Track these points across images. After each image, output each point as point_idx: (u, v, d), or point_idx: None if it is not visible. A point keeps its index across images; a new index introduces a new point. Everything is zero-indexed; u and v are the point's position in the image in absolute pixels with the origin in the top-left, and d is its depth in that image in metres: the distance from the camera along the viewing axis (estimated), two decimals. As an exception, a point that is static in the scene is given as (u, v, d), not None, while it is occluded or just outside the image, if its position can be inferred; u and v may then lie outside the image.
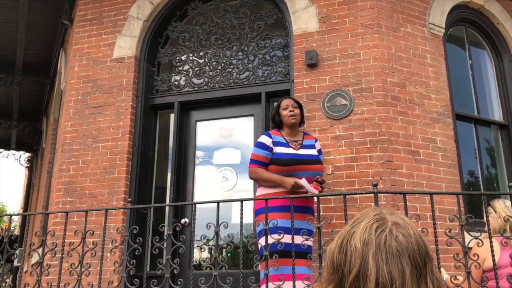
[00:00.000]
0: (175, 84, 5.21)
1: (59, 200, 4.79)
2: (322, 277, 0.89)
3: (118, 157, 4.78)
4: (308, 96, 4.47)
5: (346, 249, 0.82)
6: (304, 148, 3.67)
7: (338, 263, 0.82)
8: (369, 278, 0.77)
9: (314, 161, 3.61)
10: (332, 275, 0.82)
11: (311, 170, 3.53)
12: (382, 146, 4.17)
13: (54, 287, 3.36)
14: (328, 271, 0.84)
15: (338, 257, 0.82)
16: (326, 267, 0.85)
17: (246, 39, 5.08)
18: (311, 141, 3.79)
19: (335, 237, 0.88)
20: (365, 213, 0.88)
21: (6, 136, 10.63)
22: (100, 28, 5.32)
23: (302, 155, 3.57)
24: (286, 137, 3.70)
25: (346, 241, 0.84)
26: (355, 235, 0.83)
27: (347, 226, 0.86)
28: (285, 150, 3.55)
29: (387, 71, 4.40)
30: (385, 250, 0.80)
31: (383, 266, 0.78)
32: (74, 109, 5.10)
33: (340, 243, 0.84)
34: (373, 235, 0.82)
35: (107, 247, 3.38)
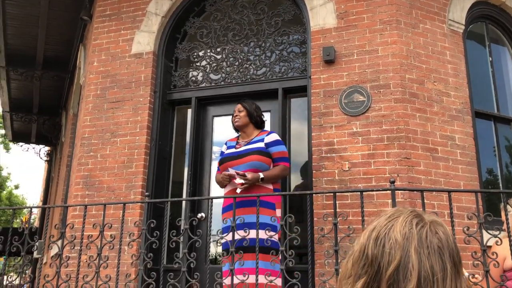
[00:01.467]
0: (192, 80, 5.24)
1: (78, 194, 4.87)
2: (345, 271, 0.87)
3: (136, 152, 4.83)
4: (325, 92, 4.46)
5: (384, 241, 0.81)
6: (249, 144, 3.77)
7: (375, 255, 0.80)
8: (410, 271, 0.77)
9: (247, 153, 3.70)
10: (364, 268, 0.81)
11: (243, 163, 3.65)
12: (400, 143, 4.14)
13: (73, 279, 3.42)
14: (359, 265, 0.82)
15: (374, 250, 0.81)
16: (355, 261, 0.84)
17: (264, 35, 5.08)
18: (262, 136, 3.85)
19: (364, 232, 0.87)
20: (399, 210, 0.88)
21: (27, 130, 10.82)
22: (119, 23, 5.37)
23: (236, 152, 3.75)
24: (240, 139, 3.91)
25: (384, 234, 0.82)
26: (394, 228, 0.82)
27: (382, 221, 0.85)
28: (226, 152, 3.84)
29: (406, 68, 4.36)
30: (427, 245, 0.80)
31: (425, 260, 0.78)
32: (93, 104, 5.16)
33: (376, 236, 0.82)
34: (414, 229, 0.82)
35: (124, 240, 3.43)
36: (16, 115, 9.84)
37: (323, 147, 4.32)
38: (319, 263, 3.90)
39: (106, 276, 3.23)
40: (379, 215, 0.90)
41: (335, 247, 2.90)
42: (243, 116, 3.90)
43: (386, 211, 0.89)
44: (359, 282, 0.81)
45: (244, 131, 3.92)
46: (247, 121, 3.92)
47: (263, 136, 3.82)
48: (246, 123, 3.92)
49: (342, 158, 4.24)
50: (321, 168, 4.27)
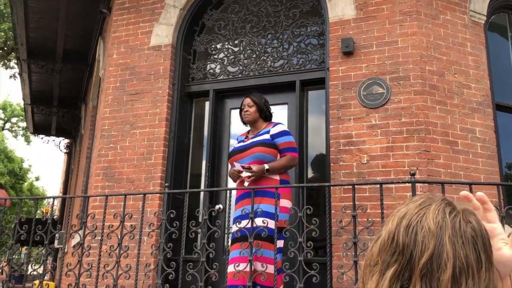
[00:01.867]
0: (210, 72, 5.26)
1: (98, 185, 4.94)
2: (370, 258, 0.84)
3: (155, 144, 4.87)
4: (344, 84, 4.44)
5: (416, 230, 0.79)
6: (256, 137, 3.74)
7: (406, 243, 0.79)
8: (445, 260, 0.75)
9: (253, 145, 3.66)
10: (395, 256, 0.79)
11: (248, 156, 3.62)
12: (419, 136, 4.10)
13: (94, 268, 3.49)
14: (387, 252, 0.81)
15: (405, 238, 0.79)
16: (383, 248, 0.83)
17: (281, 27, 5.07)
18: (268, 128, 3.79)
19: (392, 219, 0.85)
20: (429, 197, 0.86)
21: (47, 122, 10.99)
22: (137, 16, 5.41)
23: (242, 146, 3.73)
24: (250, 133, 3.87)
25: (416, 222, 0.80)
26: (427, 216, 0.80)
27: (412, 208, 0.83)
28: (235, 146, 3.83)
29: (426, 60, 4.31)
30: (461, 235, 0.78)
31: (459, 250, 0.77)
32: (112, 96, 5.22)
33: (407, 224, 0.80)
34: (448, 218, 0.80)
35: (144, 230, 3.47)
36: (36, 107, 10.01)
37: (341, 139, 4.30)
38: (337, 256, 3.90)
39: (127, 265, 3.28)
40: (406, 202, 0.87)
41: (354, 239, 2.90)
42: (253, 112, 3.84)
43: (414, 198, 0.87)
44: (389, 271, 0.79)
45: (254, 125, 3.88)
46: (257, 116, 3.86)
47: (269, 128, 3.77)
48: (256, 118, 3.86)
49: (360, 151, 4.22)
50: (339, 161, 4.26)
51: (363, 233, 3.30)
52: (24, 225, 3.61)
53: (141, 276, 3.58)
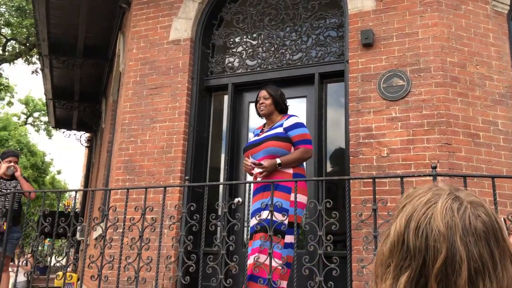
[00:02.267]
0: (229, 66, 5.27)
1: (119, 178, 5.01)
2: (381, 258, 0.83)
3: (174, 137, 4.91)
4: (363, 77, 4.40)
5: (426, 233, 0.77)
6: (270, 130, 3.68)
7: (417, 248, 0.77)
8: (459, 263, 0.74)
9: (265, 140, 3.61)
10: (407, 261, 0.77)
11: (261, 150, 3.58)
12: (440, 129, 4.05)
13: (116, 260, 3.55)
14: (398, 256, 0.79)
15: (416, 242, 0.77)
16: (393, 249, 0.81)
17: (300, 19, 5.04)
18: (282, 121, 3.72)
19: (399, 218, 0.82)
20: (435, 193, 0.83)
21: (68, 116, 11.16)
22: (156, 10, 5.44)
23: (257, 140, 3.68)
24: (266, 126, 3.81)
25: (425, 224, 0.78)
26: (435, 217, 0.78)
27: (419, 207, 0.80)
28: (250, 140, 3.77)
29: (447, 51, 4.25)
30: (472, 232, 0.76)
31: (472, 250, 0.75)
32: (132, 90, 5.27)
33: (415, 226, 0.78)
34: (457, 217, 0.78)
35: (165, 223, 3.51)
36: (58, 102, 10.16)
37: (360, 132, 4.28)
38: (356, 249, 3.89)
39: (148, 257, 3.33)
40: (409, 195, 0.85)
41: (374, 233, 2.89)
42: (268, 104, 3.77)
43: (418, 192, 0.85)
44: (403, 277, 0.77)
45: (270, 118, 3.82)
46: (272, 109, 3.80)
47: (282, 121, 3.70)
48: (271, 111, 3.80)
49: (380, 144, 4.19)
50: (359, 154, 4.23)
51: (384, 227, 3.29)
52: (47, 218, 3.69)
53: (162, 268, 3.62)
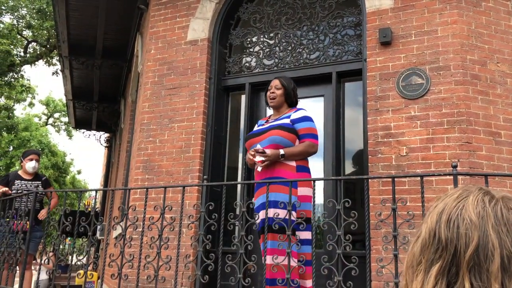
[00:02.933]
0: (246, 66, 5.28)
1: (138, 177, 5.06)
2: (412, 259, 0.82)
3: (192, 137, 4.94)
4: (382, 75, 4.37)
5: (457, 223, 0.78)
6: (276, 121, 3.55)
7: (449, 238, 0.77)
8: (491, 251, 0.74)
9: (270, 129, 3.47)
10: (438, 252, 0.78)
11: (264, 139, 3.44)
12: (461, 127, 4.00)
13: (135, 259, 3.59)
14: (430, 250, 0.80)
15: (447, 232, 0.78)
16: (425, 246, 0.82)
17: (317, 18, 5.03)
18: (289, 113, 3.58)
19: (431, 216, 0.84)
20: (466, 189, 0.84)
21: (88, 117, 11.32)
22: (174, 11, 5.47)
23: (260, 129, 3.55)
24: (272, 117, 3.67)
25: (456, 215, 0.79)
26: (466, 208, 0.79)
27: (450, 202, 0.82)
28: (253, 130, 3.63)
29: (467, 48, 4.19)
30: (504, 223, 0.77)
31: (505, 238, 0.75)
32: (151, 91, 5.32)
33: (447, 219, 0.79)
34: (488, 207, 0.78)
35: (183, 222, 3.54)
36: (78, 103, 10.31)
37: (379, 131, 4.25)
38: (375, 249, 3.87)
39: (167, 256, 3.36)
40: (441, 197, 0.86)
41: (394, 233, 2.87)
42: (279, 95, 3.61)
43: (449, 192, 0.86)
44: (434, 268, 0.78)
45: (278, 110, 3.67)
46: (282, 100, 3.63)
47: (290, 113, 3.56)
48: (281, 103, 3.63)
49: (399, 143, 4.15)
50: (377, 153, 4.20)
51: (403, 227, 3.26)
52: (68, 217, 3.74)
53: (181, 267, 3.65)
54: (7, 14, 15.45)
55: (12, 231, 4.40)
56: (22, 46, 16.40)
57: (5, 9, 15.20)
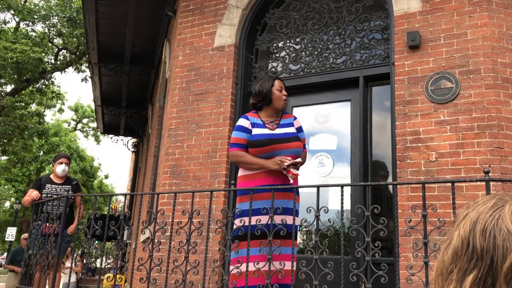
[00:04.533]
0: (272, 71, 5.29)
1: (166, 182, 5.12)
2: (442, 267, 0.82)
3: (219, 142, 4.98)
4: (410, 79, 4.32)
5: (494, 233, 0.77)
6: (281, 127, 3.51)
7: (485, 249, 0.77)
8: None
9: (291, 138, 3.44)
10: (473, 262, 0.77)
11: (289, 148, 3.40)
12: (492, 132, 3.92)
13: (164, 263, 3.62)
14: (463, 259, 0.78)
15: (483, 242, 0.77)
16: (457, 254, 0.81)
17: (344, 22, 5.01)
18: (289, 119, 3.58)
19: (464, 224, 0.83)
20: (500, 198, 0.83)
21: (116, 122, 11.52)
22: (201, 18, 5.54)
23: (277, 134, 3.44)
24: (264, 118, 3.52)
25: (492, 225, 0.78)
26: (503, 218, 0.78)
27: (485, 211, 0.81)
28: (261, 131, 3.43)
29: (498, 51, 4.10)
30: None
31: None
32: (179, 96, 5.39)
33: (482, 228, 0.78)
34: None
35: (211, 227, 3.56)
36: (106, 108, 10.51)
37: (408, 136, 4.19)
38: (404, 256, 3.81)
39: (195, 261, 3.38)
40: (471, 205, 0.85)
41: (424, 240, 2.82)
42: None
43: (481, 200, 0.85)
44: (469, 278, 0.77)
45: (276, 111, 3.58)
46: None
47: (290, 120, 3.58)
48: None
49: (428, 148, 4.09)
50: (406, 159, 4.15)
51: (433, 234, 3.20)
52: (98, 221, 3.81)
53: (209, 271, 3.67)
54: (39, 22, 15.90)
55: (43, 234, 4.51)
56: (53, 53, 16.83)
57: (37, 18, 15.64)
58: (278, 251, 3.15)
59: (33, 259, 4.47)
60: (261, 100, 3.52)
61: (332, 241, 4.60)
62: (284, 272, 3.15)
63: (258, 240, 3.21)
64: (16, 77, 15.08)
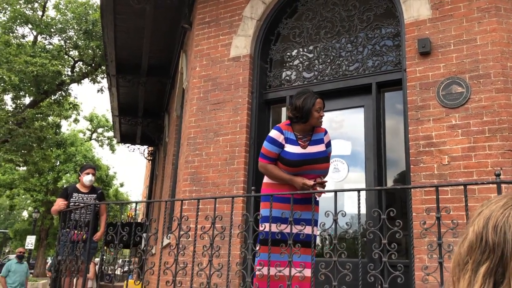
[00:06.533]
0: (286, 79, 5.45)
1: (186, 189, 5.29)
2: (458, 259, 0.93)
3: (237, 149, 5.14)
4: (422, 85, 4.44)
5: (504, 229, 0.88)
6: (312, 144, 3.57)
7: (496, 243, 0.87)
8: None
9: (321, 159, 3.55)
10: (485, 254, 0.88)
11: (318, 169, 3.54)
12: (503, 135, 4.02)
13: (188, 267, 3.78)
14: (476, 252, 0.90)
15: (495, 237, 0.88)
16: (472, 248, 0.91)
17: (356, 30, 5.15)
18: (320, 134, 3.64)
19: (478, 220, 0.93)
20: (510, 197, 0.94)
21: (132, 131, 11.76)
22: (217, 29, 5.72)
23: (309, 154, 3.52)
24: (298, 133, 3.58)
25: (503, 222, 0.89)
26: None
27: (497, 209, 0.92)
28: (294, 150, 3.50)
29: (507, 56, 4.21)
30: None
31: None
32: (197, 106, 5.57)
33: (494, 224, 0.90)
34: None
35: (233, 232, 3.71)
36: (124, 118, 10.75)
37: (420, 141, 4.31)
38: (419, 258, 3.92)
39: (219, 264, 3.54)
40: (485, 203, 0.96)
41: (438, 241, 2.94)
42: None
43: (494, 199, 0.96)
44: (482, 268, 0.87)
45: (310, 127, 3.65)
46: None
47: (321, 136, 3.65)
48: None
49: (441, 152, 4.20)
50: (419, 163, 4.27)
51: (447, 235, 3.32)
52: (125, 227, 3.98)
53: (232, 275, 3.83)
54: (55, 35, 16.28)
55: (72, 241, 4.70)
56: (69, 65, 17.20)
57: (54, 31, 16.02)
58: (298, 255, 3.29)
59: (62, 264, 4.66)
60: (298, 117, 3.56)
61: (348, 244, 4.72)
62: (304, 277, 3.29)
63: (278, 246, 3.36)
64: (34, 89, 15.44)
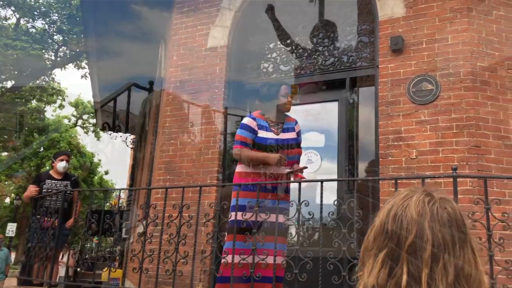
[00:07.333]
0: (263, 71, 5.49)
1: (160, 178, 5.32)
2: (367, 244, 1.02)
3: (211, 140, 5.18)
4: (393, 81, 4.52)
5: (401, 219, 0.97)
6: (284, 131, 3.71)
7: (394, 230, 0.97)
8: (425, 242, 0.93)
9: (293, 145, 3.70)
10: (385, 241, 0.97)
11: (291, 154, 3.66)
12: (469, 131, 4.12)
13: (155, 254, 3.82)
14: (380, 239, 0.99)
15: (393, 226, 0.97)
16: (376, 235, 1.00)
17: (333, 26, 5.20)
18: (291, 123, 3.79)
19: (383, 211, 1.02)
20: (412, 190, 1.03)
21: (114, 119, 11.65)
22: (195, 19, 5.73)
23: (283, 140, 3.66)
24: (269, 120, 3.71)
25: (401, 212, 0.98)
26: (409, 207, 0.98)
27: (398, 200, 1.01)
28: (267, 135, 3.63)
29: (477, 56, 4.30)
30: (438, 220, 0.95)
31: (437, 232, 0.94)
32: (173, 95, 5.59)
33: (394, 214, 0.99)
34: (427, 207, 0.97)
35: (201, 221, 3.76)
36: (105, 105, 10.65)
37: (390, 135, 4.39)
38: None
39: (184, 252, 3.59)
40: (392, 196, 1.06)
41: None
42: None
43: (399, 192, 1.06)
44: (382, 253, 0.97)
45: (280, 114, 3.79)
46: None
47: (292, 124, 3.79)
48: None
49: (409, 146, 4.29)
50: (388, 156, 4.36)
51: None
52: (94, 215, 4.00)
53: (198, 262, 3.88)
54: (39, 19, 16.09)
55: (42, 227, 4.71)
56: (53, 50, 17.02)
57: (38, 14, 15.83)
58: (262, 243, 3.36)
59: (32, 251, 4.67)
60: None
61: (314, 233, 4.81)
62: (267, 264, 3.35)
63: (243, 234, 3.41)
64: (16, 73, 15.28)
